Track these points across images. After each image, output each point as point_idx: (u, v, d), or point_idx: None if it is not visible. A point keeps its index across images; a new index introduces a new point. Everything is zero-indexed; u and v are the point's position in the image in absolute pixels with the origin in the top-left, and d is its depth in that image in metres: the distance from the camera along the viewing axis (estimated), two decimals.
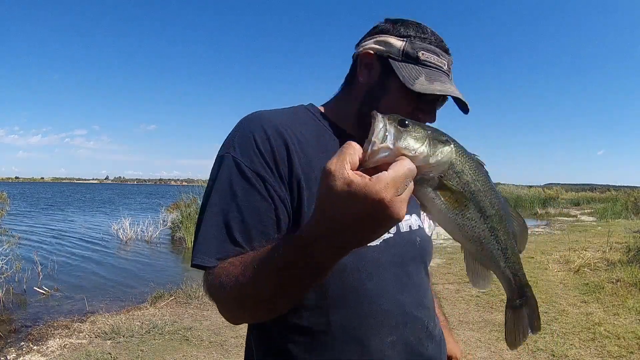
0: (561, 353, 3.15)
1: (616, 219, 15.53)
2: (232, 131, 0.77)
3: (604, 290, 4.74)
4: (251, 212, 0.70)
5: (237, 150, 0.72)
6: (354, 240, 0.49)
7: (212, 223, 0.70)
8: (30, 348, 3.55)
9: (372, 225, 0.47)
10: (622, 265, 5.59)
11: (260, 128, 0.74)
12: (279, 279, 0.57)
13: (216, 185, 0.72)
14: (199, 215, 0.74)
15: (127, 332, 3.71)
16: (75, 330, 3.92)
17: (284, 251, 0.55)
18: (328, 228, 0.48)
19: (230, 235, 0.69)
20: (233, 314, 0.70)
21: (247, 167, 0.71)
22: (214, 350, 3.41)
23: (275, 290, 0.59)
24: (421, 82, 0.76)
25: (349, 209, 0.45)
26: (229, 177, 0.71)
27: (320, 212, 0.49)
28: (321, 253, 0.51)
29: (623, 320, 3.79)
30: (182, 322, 4.09)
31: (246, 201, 0.70)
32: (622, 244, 7.48)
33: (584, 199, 28.84)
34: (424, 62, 0.78)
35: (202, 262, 0.68)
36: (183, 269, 7.72)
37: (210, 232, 0.70)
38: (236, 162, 0.71)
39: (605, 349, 3.19)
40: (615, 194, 23.69)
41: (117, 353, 3.31)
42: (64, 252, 8.72)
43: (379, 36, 0.81)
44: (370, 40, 0.81)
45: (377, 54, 0.80)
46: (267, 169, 0.71)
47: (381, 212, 0.45)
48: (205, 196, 0.74)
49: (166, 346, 3.48)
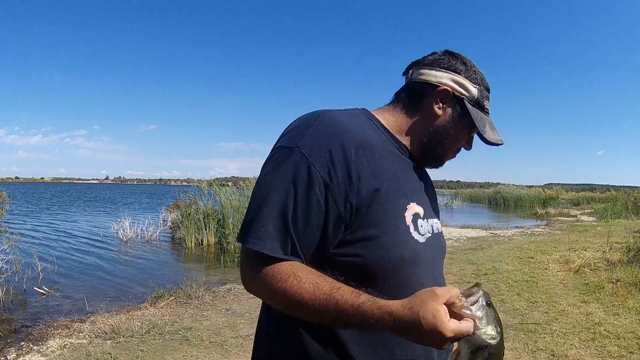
0: (561, 353, 3.15)
1: (616, 219, 15.53)
2: (300, 125, 0.80)
3: (604, 290, 4.74)
4: (303, 212, 0.74)
5: (308, 149, 0.75)
6: (410, 336, 0.65)
7: (271, 210, 0.74)
8: (30, 348, 3.55)
9: (427, 338, 0.64)
10: (622, 265, 5.59)
11: (334, 133, 0.77)
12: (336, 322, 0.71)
13: (281, 173, 0.75)
14: (257, 192, 0.78)
15: (127, 332, 3.71)
16: (75, 330, 3.92)
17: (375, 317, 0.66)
18: (410, 324, 0.64)
19: (286, 227, 0.73)
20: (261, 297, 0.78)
21: (315, 169, 0.74)
22: (214, 350, 3.41)
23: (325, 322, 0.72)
24: (488, 132, 0.90)
25: (429, 325, 0.62)
26: (294, 171, 0.74)
27: (414, 313, 0.64)
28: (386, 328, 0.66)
29: (623, 320, 3.79)
30: (182, 322, 4.09)
31: (304, 201, 0.74)
32: (622, 244, 7.47)
33: (584, 199, 28.85)
34: (486, 110, 0.92)
35: (260, 249, 0.73)
36: (183, 269, 7.73)
37: (270, 219, 0.74)
38: (305, 160, 0.75)
39: (605, 349, 3.19)
40: (615, 194, 23.68)
41: (117, 353, 3.31)
42: (64, 252, 8.72)
43: (454, 75, 0.89)
44: (445, 76, 0.89)
45: (453, 93, 0.88)
46: (334, 175, 0.74)
47: (440, 338, 0.63)
48: (267, 180, 0.77)
49: (166, 346, 3.48)
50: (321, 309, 0.69)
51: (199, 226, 9.76)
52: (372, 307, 0.66)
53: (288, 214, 0.73)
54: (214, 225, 9.77)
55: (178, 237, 10.39)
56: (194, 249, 9.48)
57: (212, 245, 9.62)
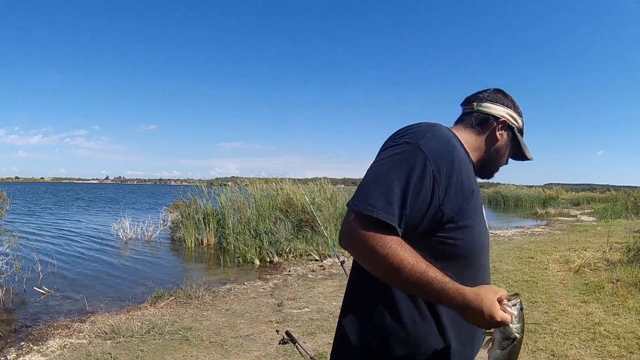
0: (561, 353, 3.15)
1: (616, 219, 15.54)
2: (422, 129, 0.99)
3: (604, 290, 4.74)
4: (416, 195, 0.91)
5: (427, 148, 0.94)
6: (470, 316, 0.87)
7: (394, 188, 0.90)
8: (30, 348, 3.55)
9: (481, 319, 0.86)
10: (622, 265, 5.59)
11: (446, 142, 0.99)
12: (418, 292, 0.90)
13: (405, 160, 0.93)
14: (381, 170, 0.93)
15: (127, 332, 3.71)
16: (75, 330, 3.92)
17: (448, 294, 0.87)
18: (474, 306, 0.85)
19: (404, 204, 0.90)
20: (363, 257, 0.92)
21: (429, 164, 0.92)
22: (214, 350, 3.41)
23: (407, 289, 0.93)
24: (528, 152, 1.21)
25: (487, 310, 0.85)
26: (414, 162, 0.92)
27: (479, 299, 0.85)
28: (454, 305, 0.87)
29: (623, 320, 3.79)
30: (182, 322, 4.09)
31: (418, 187, 0.91)
32: (622, 244, 7.48)
33: (584, 199, 28.85)
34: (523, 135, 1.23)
35: (383, 218, 0.87)
36: (183, 269, 7.73)
37: (393, 195, 0.89)
38: (423, 156, 0.93)
39: (605, 349, 3.19)
40: (615, 194, 23.68)
41: (117, 353, 3.31)
42: (64, 252, 8.73)
43: (508, 110, 1.17)
44: (504, 110, 1.17)
45: (508, 124, 1.17)
46: (442, 174, 0.94)
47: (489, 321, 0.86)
48: (392, 162, 0.93)
49: (166, 346, 3.48)
50: (415, 279, 0.86)
51: (199, 226, 9.76)
52: (452, 288, 0.86)
53: (408, 194, 0.90)
54: (214, 225, 9.77)
55: (178, 237, 10.39)
56: (194, 249, 9.49)
57: (212, 245, 9.62)
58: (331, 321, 4.05)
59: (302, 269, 6.88)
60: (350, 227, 0.91)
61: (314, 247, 7.96)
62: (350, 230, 0.91)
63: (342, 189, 12.42)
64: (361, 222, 0.89)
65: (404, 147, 0.95)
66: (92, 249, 9.28)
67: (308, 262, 7.42)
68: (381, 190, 0.89)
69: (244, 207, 9.22)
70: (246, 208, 9.14)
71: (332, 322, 4.04)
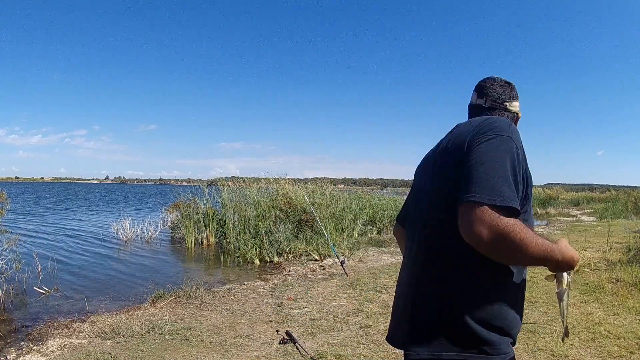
0: (561, 353, 3.14)
1: (616, 219, 15.53)
2: (504, 124, 1.13)
3: (604, 290, 4.74)
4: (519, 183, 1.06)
5: (514, 138, 1.09)
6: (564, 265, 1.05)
7: (510, 179, 1.02)
8: (30, 348, 3.55)
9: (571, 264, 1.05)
10: (622, 265, 5.59)
11: (519, 134, 1.14)
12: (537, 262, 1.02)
13: (507, 152, 1.05)
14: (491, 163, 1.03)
15: (127, 332, 3.71)
16: (75, 330, 3.92)
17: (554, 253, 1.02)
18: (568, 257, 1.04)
19: (517, 190, 1.03)
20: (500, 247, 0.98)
21: (520, 152, 1.09)
22: (214, 350, 3.41)
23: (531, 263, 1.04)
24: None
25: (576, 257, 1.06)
26: (512, 152, 1.06)
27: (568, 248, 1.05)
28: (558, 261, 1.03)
29: (623, 320, 3.78)
30: (182, 322, 4.09)
31: (519, 175, 1.06)
32: (622, 244, 7.48)
33: (584, 199, 28.82)
34: None
35: (512, 204, 0.97)
36: (183, 269, 7.73)
37: (510, 184, 1.01)
38: (515, 145, 1.08)
39: (605, 349, 3.19)
40: (615, 194, 23.68)
41: (117, 353, 3.31)
42: (64, 252, 8.73)
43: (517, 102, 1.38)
44: (516, 104, 1.37)
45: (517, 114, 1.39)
46: (525, 162, 1.10)
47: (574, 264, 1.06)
48: (500, 155, 1.05)
49: (166, 346, 3.48)
50: (539, 253, 0.97)
51: (199, 226, 9.76)
52: (556, 248, 1.01)
53: (517, 179, 1.04)
54: (214, 225, 9.77)
55: (178, 237, 10.39)
56: (194, 249, 9.49)
57: (212, 245, 9.63)
58: (331, 321, 4.05)
59: (302, 269, 6.88)
60: (491, 220, 0.96)
61: (314, 247, 7.96)
62: (491, 223, 0.96)
63: (342, 189, 12.40)
64: (498, 212, 0.96)
65: (500, 139, 1.07)
66: (92, 249, 9.28)
67: (308, 262, 7.42)
68: (503, 182, 1.00)
69: (244, 206, 9.22)
70: (246, 208, 9.14)
71: (332, 322, 4.04)
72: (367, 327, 3.83)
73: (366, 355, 3.22)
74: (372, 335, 3.64)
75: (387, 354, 3.21)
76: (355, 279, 5.83)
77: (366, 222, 11.34)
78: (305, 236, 8.41)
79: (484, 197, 0.96)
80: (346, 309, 4.47)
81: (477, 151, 1.05)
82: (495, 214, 0.96)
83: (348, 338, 3.59)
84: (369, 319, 4.05)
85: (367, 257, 7.73)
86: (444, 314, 1.09)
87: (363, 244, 9.14)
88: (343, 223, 9.69)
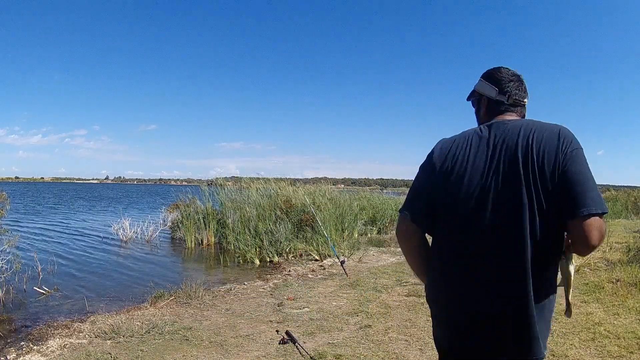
0: (561, 353, 3.14)
1: (616, 219, 15.52)
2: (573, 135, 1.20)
3: (604, 290, 4.73)
4: None
5: None
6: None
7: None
8: (30, 348, 3.55)
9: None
10: (622, 265, 5.59)
11: None
12: None
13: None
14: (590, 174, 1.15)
15: (127, 332, 3.71)
16: (75, 330, 3.92)
17: None
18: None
19: None
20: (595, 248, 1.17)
21: None
22: (214, 350, 3.41)
23: None
24: None
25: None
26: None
27: None
28: None
29: (623, 320, 3.78)
30: (182, 322, 4.09)
31: None
32: (622, 244, 7.48)
33: None
34: None
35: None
36: (183, 269, 7.73)
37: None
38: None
39: (605, 349, 3.19)
40: (615, 194, 23.63)
41: (117, 353, 3.31)
42: (64, 252, 8.73)
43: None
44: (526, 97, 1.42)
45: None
46: None
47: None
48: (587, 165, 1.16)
49: (166, 346, 3.48)
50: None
51: (199, 226, 9.76)
52: None
53: None
54: (214, 225, 9.77)
55: (178, 237, 10.39)
56: (194, 249, 9.49)
57: (212, 245, 9.63)
58: (331, 321, 4.05)
59: (302, 268, 6.88)
60: (602, 227, 1.12)
61: (314, 247, 7.96)
62: (603, 230, 1.12)
63: (342, 189, 12.40)
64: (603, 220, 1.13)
65: (582, 151, 1.19)
66: (92, 249, 9.28)
67: (308, 262, 7.42)
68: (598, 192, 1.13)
69: (244, 206, 9.23)
70: (246, 208, 9.15)
71: (332, 322, 4.04)
72: (367, 327, 3.83)
73: (366, 355, 3.22)
74: (372, 335, 3.64)
75: (387, 354, 3.21)
76: (355, 279, 5.83)
77: (366, 222, 11.35)
78: (305, 236, 8.41)
79: (599, 209, 1.10)
80: (346, 309, 4.47)
81: (577, 164, 1.15)
82: (603, 222, 1.13)
83: (348, 338, 3.59)
84: (369, 319, 4.05)
85: (367, 257, 7.73)
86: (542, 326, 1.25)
87: (363, 244, 9.14)
88: (343, 223, 9.70)
